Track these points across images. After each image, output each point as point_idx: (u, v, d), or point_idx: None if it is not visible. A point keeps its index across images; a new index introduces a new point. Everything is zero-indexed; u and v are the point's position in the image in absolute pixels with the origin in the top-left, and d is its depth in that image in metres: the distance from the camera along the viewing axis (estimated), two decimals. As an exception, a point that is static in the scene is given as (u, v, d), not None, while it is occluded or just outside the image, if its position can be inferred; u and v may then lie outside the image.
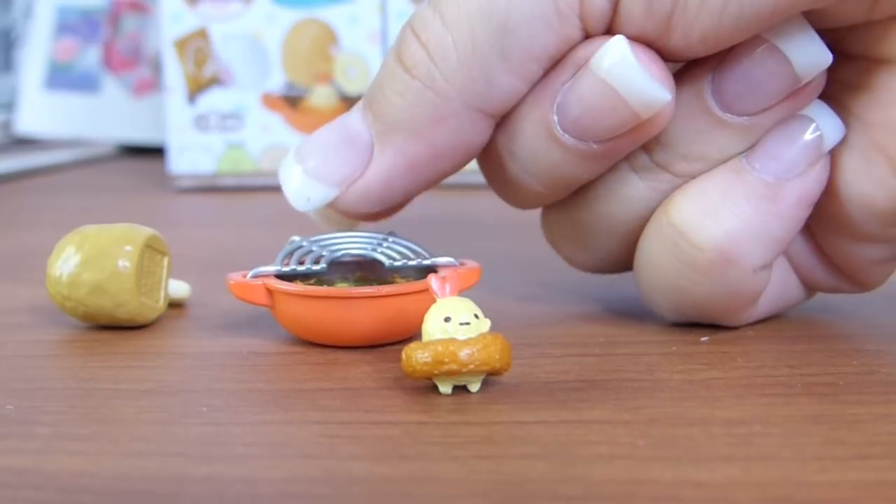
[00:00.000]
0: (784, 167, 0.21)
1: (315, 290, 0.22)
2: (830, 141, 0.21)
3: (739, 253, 0.21)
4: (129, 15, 0.77)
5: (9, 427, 0.18)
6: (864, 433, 0.17)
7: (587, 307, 0.26)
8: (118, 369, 0.22)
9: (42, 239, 0.36)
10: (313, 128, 0.53)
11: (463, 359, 0.19)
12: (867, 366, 0.21)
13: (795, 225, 0.22)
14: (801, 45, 0.20)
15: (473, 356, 0.19)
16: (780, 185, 0.21)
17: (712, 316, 0.23)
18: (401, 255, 0.24)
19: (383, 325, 0.22)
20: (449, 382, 0.19)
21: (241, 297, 0.23)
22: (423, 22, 0.21)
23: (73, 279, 0.24)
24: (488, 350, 0.19)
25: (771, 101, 0.21)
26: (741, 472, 0.16)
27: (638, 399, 0.19)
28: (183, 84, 0.53)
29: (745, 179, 0.21)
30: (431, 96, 0.21)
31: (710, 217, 0.21)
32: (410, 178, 0.22)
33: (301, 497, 0.15)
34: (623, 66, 0.20)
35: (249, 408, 0.19)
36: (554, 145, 0.21)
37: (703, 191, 0.22)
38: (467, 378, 0.19)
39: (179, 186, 0.54)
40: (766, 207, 0.21)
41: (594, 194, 0.23)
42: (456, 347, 0.19)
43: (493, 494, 0.15)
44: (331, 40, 0.53)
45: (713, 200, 0.21)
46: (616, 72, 0.20)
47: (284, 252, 0.24)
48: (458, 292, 0.21)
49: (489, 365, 0.19)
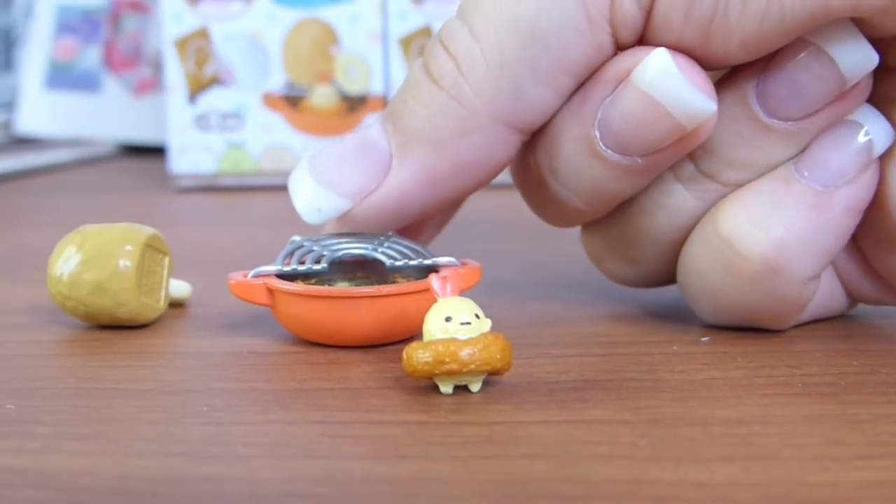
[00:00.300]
0: (833, 175, 0.21)
1: (316, 290, 0.22)
2: (880, 146, 0.21)
3: (787, 263, 0.21)
4: (130, 14, 0.77)
5: (9, 427, 0.18)
6: (864, 433, 0.17)
7: (588, 307, 0.26)
8: (119, 369, 0.22)
9: (43, 238, 0.36)
10: (314, 127, 0.53)
11: (464, 359, 0.19)
12: (868, 366, 0.21)
13: (845, 234, 0.21)
14: (847, 47, 0.20)
15: (474, 356, 0.19)
16: (830, 193, 0.21)
17: (757, 322, 0.23)
18: (401, 254, 0.24)
19: (384, 324, 0.22)
20: (450, 382, 0.19)
21: (241, 297, 0.23)
22: (451, 34, 0.21)
23: (73, 279, 0.24)
24: (489, 350, 0.19)
25: (818, 104, 0.20)
26: (742, 472, 0.16)
27: (639, 399, 0.19)
28: (183, 84, 0.53)
29: (794, 189, 0.21)
30: (457, 108, 0.21)
31: (758, 227, 0.21)
32: (429, 192, 0.22)
33: (302, 497, 0.15)
34: (666, 77, 0.20)
35: (250, 407, 0.19)
36: (597, 161, 0.21)
37: (751, 200, 0.21)
38: (468, 378, 0.19)
39: (180, 186, 0.54)
40: (815, 216, 0.21)
41: (638, 208, 0.23)
42: (457, 347, 0.19)
43: (493, 494, 0.15)
44: (331, 40, 0.53)
45: (761, 210, 0.21)
46: (659, 83, 0.20)
47: (285, 252, 0.24)
48: (458, 292, 0.21)
49: (490, 365, 0.19)
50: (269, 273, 0.23)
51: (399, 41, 0.52)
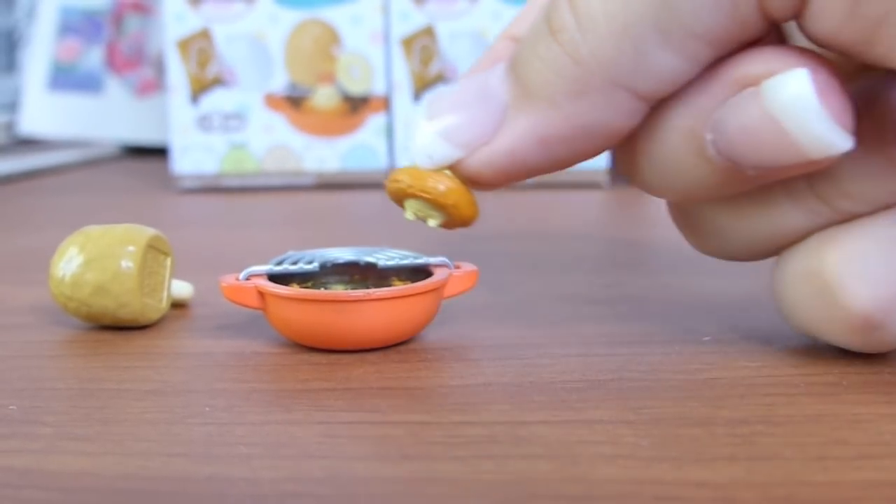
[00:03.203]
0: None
1: (305, 293, 0.22)
2: None
3: (888, 320, 0.20)
4: (132, 15, 0.77)
5: (12, 427, 0.18)
6: (866, 433, 0.17)
7: (590, 307, 0.26)
8: (121, 369, 0.22)
9: (45, 239, 0.36)
10: (316, 128, 0.53)
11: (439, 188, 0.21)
12: (869, 365, 0.21)
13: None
14: None
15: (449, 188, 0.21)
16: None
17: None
18: (392, 259, 0.24)
19: (374, 329, 0.22)
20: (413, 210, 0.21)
21: (233, 301, 0.23)
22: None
23: (76, 280, 0.24)
24: (461, 192, 0.21)
25: None
26: (744, 472, 0.16)
27: (641, 399, 0.19)
28: (186, 84, 0.54)
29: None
30: (572, 66, 0.19)
31: (866, 284, 0.19)
32: (541, 153, 0.20)
33: (304, 497, 0.15)
34: (802, 105, 0.17)
35: (252, 408, 0.19)
36: (702, 162, 0.19)
37: (862, 249, 0.20)
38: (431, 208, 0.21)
39: (182, 187, 0.54)
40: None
41: (737, 204, 0.21)
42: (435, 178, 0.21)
43: (495, 494, 0.15)
44: (333, 40, 0.53)
45: (870, 263, 0.19)
46: (792, 111, 0.17)
47: (279, 258, 0.24)
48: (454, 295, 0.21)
49: (453, 200, 0.21)
50: (260, 273, 0.23)
51: (401, 41, 0.52)
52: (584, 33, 0.18)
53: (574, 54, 0.19)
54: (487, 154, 0.20)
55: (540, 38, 0.19)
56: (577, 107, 0.19)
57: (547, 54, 0.19)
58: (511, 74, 0.20)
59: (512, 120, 0.20)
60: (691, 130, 0.19)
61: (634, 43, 0.18)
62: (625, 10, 0.18)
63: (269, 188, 0.54)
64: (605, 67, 0.18)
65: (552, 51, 0.19)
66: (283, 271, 0.23)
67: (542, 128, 0.19)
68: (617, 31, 0.18)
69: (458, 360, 0.22)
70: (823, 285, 0.20)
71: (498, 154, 0.20)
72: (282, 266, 0.23)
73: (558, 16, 0.19)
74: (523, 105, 0.20)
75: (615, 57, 0.18)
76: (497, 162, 0.20)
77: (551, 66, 0.19)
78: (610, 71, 0.18)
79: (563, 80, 0.19)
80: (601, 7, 0.18)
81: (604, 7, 0.18)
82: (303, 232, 0.41)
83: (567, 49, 0.19)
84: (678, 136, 0.19)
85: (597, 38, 0.18)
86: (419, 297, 0.22)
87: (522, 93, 0.20)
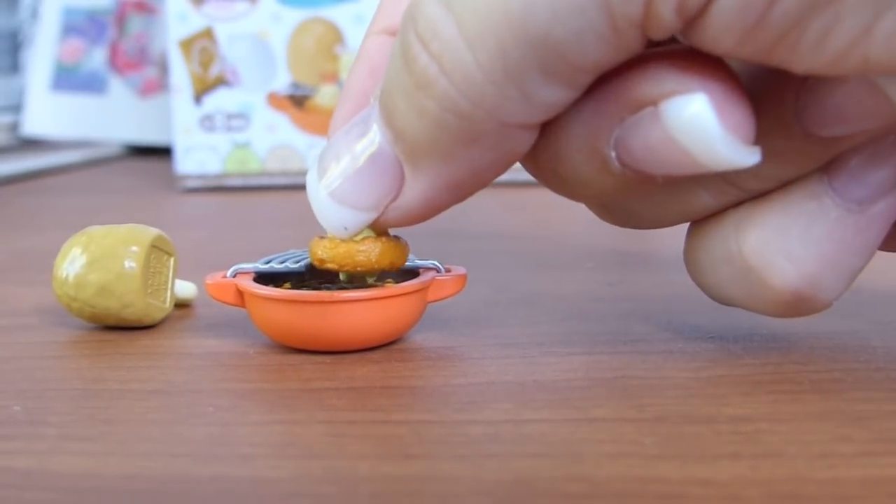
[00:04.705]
0: (871, 191, 0.19)
1: (280, 294, 0.22)
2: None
3: (816, 292, 0.20)
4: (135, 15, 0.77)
5: (16, 428, 0.18)
6: (870, 430, 0.17)
7: (592, 305, 0.26)
8: (125, 370, 0.22)
9: (49, 240, 0.36)
10: (319, 127, 0.53)
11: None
12: (873, 363, 0.21)
13: (874, 250, 0.20)
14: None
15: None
16: (864, 211, 0.19)
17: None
18: None
19: (351, 330, 0.22)
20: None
21: (216, 298, 0.23)
22: (431, 26, 0.17)
23: (79, 280, 0.24)
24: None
25: (864, 125, 0.18)
26: (748, 470, 0.16)
27: (644, 397, 0.19)
28: (189, 84, 0.54)
29: (827, 210, 0.19)
30: (456, 120, 0.18)
31: (789, 260, 0.19)
32: (452, 194, 0.20)
33: (307, 496, 0.15)
34: (702, 129, 0.17)
35: (256, 408, 0.19)
36: (607, 174, 0.19)
37: (780, 224, 0.20)
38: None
39: (186, 186, 0.54)
40: (849, 240, 0.19)
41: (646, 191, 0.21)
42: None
43: (499, 493, 0.15)
44: (336, 39, 0.53)
45: (791, 239, 0.19)
46: (692, 135, 0.17)
47: (268, 257, 0.24)
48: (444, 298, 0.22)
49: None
50: (247, 271, 0.23)
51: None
52: (457, 86, 0.17)
53: (454, 108, 0.17)
54: (401, 209, 0.20)
55: (408, 95, 0.18)
56: (473, 151, 0.18)
57: (424, 113, 0.18)
58: (389, 130, 0.19)
59: (412, 177, 0.19)
60: (592, 149, 0.18)
61: (518, 86, 0.17)
62: (503, 57, 0.17)
63: (272, 188, 0.54)
64: (491, 113, 0.17)
65: (429, 108, 0.18)
66: (269, 270, 0.23)
67: (446, 177, 0.19)
68: (497, 80, 0.17)
69: (460, 359, 0.22)
70: (747, 268, 0.20)
71: (411, 206, 0.20)
72: (269, 265, 0.23)
73: (420, 67, 0.17)
74: (418, 161, 0.19)
75: (499, 103, 0.17)
76: (413, 212, 0.20)
77: (433, 124, 0.18)
78: (496, 114, 0.17)
79: (451, 133, 0.18)
80: (471, 59, 0.17)
81: (475, 59, 0.17)
82: (306, 231, 0.41)
83: (445, 105, 0.17)
84: (579, 154, 0.19)
85: (474, 89, 0.17)
86: (397, 299, 0.22)
87: (411, 150, 0.19)
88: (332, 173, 0.20)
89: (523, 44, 0.16)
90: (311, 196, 0.21)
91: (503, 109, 0.17)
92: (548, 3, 0.16)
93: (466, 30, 0.17)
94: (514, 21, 0.16)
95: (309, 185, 0.21)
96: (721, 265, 0.21)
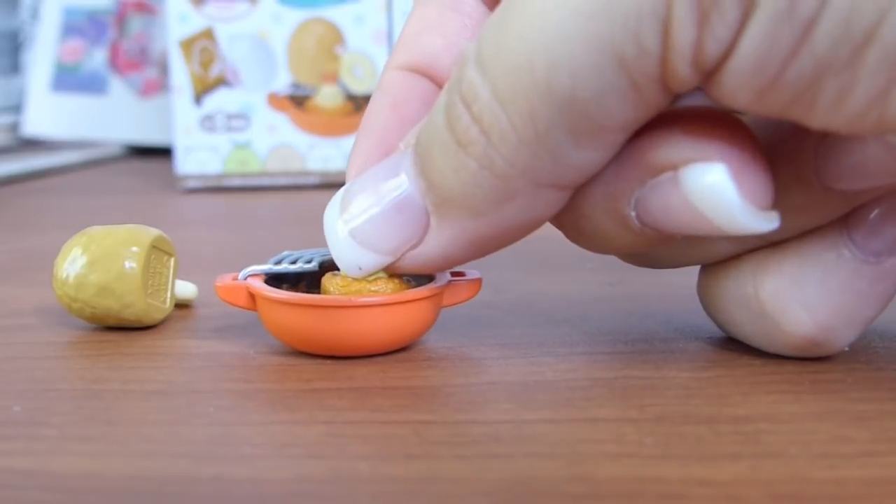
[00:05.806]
0: (889, 244, 0.19)
1: (292, 297, 0.22)
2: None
3: (831, 339, 0.20)
4: (135, 16, 0.77)
5: (16, 428, 0.18)
6: (871, 430, 0.17)
7: (593, 305, 0.26)
8: (125, 370, 0.22)
9: (49, 240, 0.36)
10: (320, 127, 0.53)
11: None
12: (874, 362, 0.21)
13: (890, 300, 0.20)
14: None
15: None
16: (882, 264, 0.20)
17: None
18: None
19: (364, 335, 0.22)
20: None
21: (226, 301, 0.23)
22: (472, 89, 0.18)
23: (79, 280, 0.24)
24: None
25: (884, 179, 0.18)
26: (748, 470, 0.16)
27: (644, 397, 0.19)
28: (189, 85, 0.54)
29: (844, 262, 0.20)
30: (491, 178, 0.18)
31: (806, 309, 0.20)
32: (473, 251, 0.20)
33: (308, 497, 0.15)
34: (720, 197, 0.17)
35: (256, 408, 0.19)
36: (627, 231, 0.19)
37: (798, 274, 0.20)
38: None
39: (186, 187, 0.54)
40: (864, 291, 0.20)
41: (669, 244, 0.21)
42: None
43: (500, 493, 0.15)
44: (337, 40, 0.53)
45: (808, 289, 0.20)
46: (711, 202, 0.17)
47: (276, 258, 0.24)
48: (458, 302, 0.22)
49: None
50: (259, 273, 0.23)
51: (404, 40, 0.52)
52: (495, 145, 0.18)
53: (491, 167, 0.18)
54: (420, 258, 0.20)
55: (448, 151, 0.19)
56: (503, 211, 0.19)
57: (462, 169, 0.19)
58: (422, 181, 0.20)
59: (438, 228, 0.20)
60: (613, 208, 0.19)
61: (549, 148, 0.18)
62: (533, 119, 0.17)
63: (272, 188, 0.54)
64: (525, 173, 0.18)
65: (468, 165, 0.18)
66: (283, 270, 0.23)
67: (471, 233, 0.19)
68: (529, 141, 0.17)
69: (461, 360, 0.22)
70: (762, 311, 0.20)
71: (430, 255, 0.20)
72: (281, 265, 0.23)
73: (462, 127, 0.18)
74: (446, 214, 0.20)
75: (533, 163, 0.18)
76: (431, 262, 0.20)
77: (469, 180, 0.19)
78: (530, 175, 0.18)
79: (485, 190, 0.18)
80: (506, 119, 0.18)
81: (508, 119, 0.18)
82: (307, 232, 0.41)
83: (483, 163, 0.18)
84: (602, 213, 0.19)
85: (510, 150, 0.18)
86: (414, 303, 0.22)
87: (441, 202, 0.19)
88: (354, 211, 0.21)
89: (551, 105, 0.17)
90: (328, 231, 0.21)
91: (536, 170, 0.18)
92: (568, 66, 0.16)
93: (499, 92, 0.17)
94: (540, 84, 0.17)
95: (327, 220, 0.21)
96: (736, 306, 0.21)
